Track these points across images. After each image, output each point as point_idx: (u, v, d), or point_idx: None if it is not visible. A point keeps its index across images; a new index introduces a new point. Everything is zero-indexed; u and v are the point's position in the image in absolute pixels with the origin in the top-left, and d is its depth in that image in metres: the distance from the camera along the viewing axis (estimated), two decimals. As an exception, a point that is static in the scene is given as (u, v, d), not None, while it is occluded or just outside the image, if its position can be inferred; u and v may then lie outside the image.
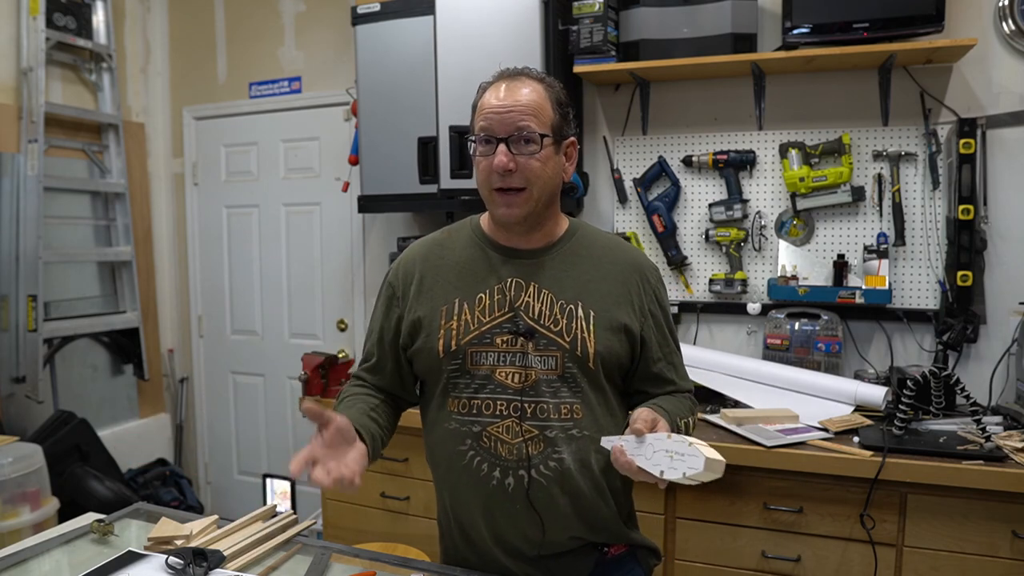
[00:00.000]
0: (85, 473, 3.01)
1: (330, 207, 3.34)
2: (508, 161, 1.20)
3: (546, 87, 1.26)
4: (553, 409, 1.25)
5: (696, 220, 2.62)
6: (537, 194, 1.24)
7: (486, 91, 1.26)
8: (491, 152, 1.22)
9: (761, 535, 1.97)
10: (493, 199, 1.25)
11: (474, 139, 1.25)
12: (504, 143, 1.20)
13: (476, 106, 1.27)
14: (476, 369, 1.26)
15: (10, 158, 2.97)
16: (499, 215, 1.26)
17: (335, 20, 3.19)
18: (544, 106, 1.23)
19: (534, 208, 1.25)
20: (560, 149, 1.27)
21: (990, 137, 2.25)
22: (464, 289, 1.30)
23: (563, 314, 1.26)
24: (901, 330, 2.40)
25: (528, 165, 1.21)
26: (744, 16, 2.36)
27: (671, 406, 1.28)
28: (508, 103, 1.21)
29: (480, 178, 1.26)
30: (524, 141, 1.21)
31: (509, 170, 1.20)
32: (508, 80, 1.25)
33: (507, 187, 1.22)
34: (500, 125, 1.21)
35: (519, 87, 1.23)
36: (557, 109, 1.25)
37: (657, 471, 1.06)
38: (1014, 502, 1.74)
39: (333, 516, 2.58)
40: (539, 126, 1.21)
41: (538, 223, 1.30)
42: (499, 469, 1.25)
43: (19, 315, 2.98)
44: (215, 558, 1.24)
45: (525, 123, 1.20)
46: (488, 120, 1.22)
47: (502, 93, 1.23)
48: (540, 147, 1.22)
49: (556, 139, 1.25)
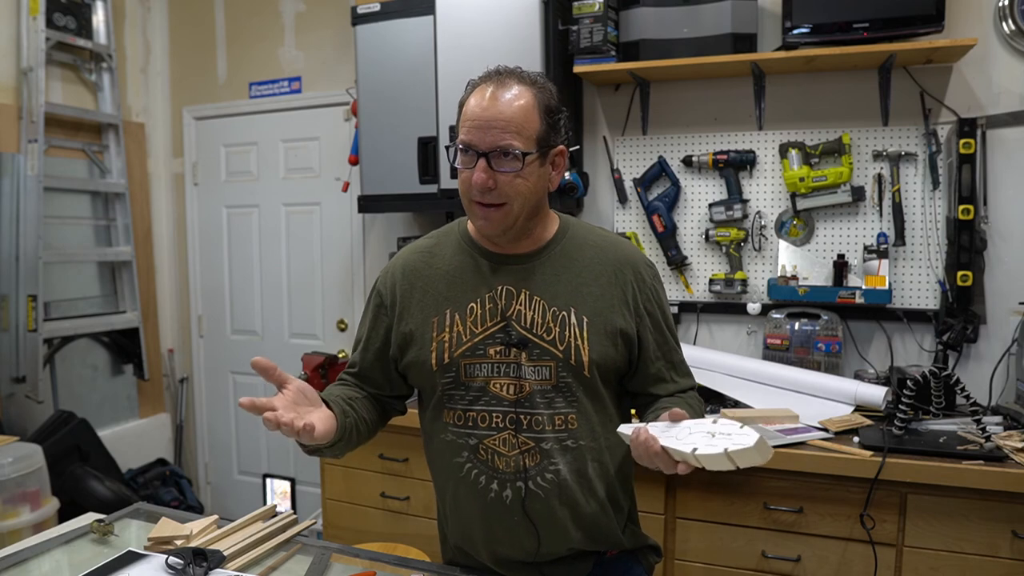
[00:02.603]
0: (85, 473, 3.01)
1: (330, 207, 3.34)
2: (487, 179, 1.16)
3: (536, 91, 1.20)
4: (547, 420, 1.23)
5: (696, 220, 2.62)
6: (518, 209, 1.20)
7: (472, 92, 1.21)
8: (471, 164, 1.17)
9: (761, 535, 1.96)
10: (473, 210, 1.22)
11: (454, 146, 1.21)
12: (484, 158, 1.16)
13: (462, 105, 1.23)
14: (471, 381, 1.25)
15: (10, 158, 2.97)
16: (478, 227, 1.24)
17: (335, 20, 3.19)
18: (530, 117, 1.17)
19: (514, 222, 1.21)
20: (547, 159, 1.22)
21: (990, 137, 2.25)
22: (454, 299, 1.27)
23: (555, 322, 1.23)
24: (901, 330, 2.40)
25: (508, 182, 1.17)
26: (744, 16, 2.36)
27: (689, 411, 1.25)
28: (491, 115, 1.15)
29: (461, 188, 1.22)
30: (504, 155, 1.16)
31: (488, 188, 1.17)
32: (496, 84, 1.19)
33: (486, 203, 1.19)
34: (481, 140, 1.16)
35: (506, 94, 1.17)
36: (545, 118, 1.19)
37: (689, 448, 1.02)
38: (1014, 502, 1.74)
39: (333, 516, 2.58)
40: (523, 143, 1.16)
41: (524, 231, 1.26)
42: (496, 481, 1.24)
43: (19, 315, 2.98)
44: (215, 558, 1.24)
45: (507, 141, 1.15)
46: (469, 133, 1.17)
47: (486, 101, 1.17)
48: (522, 165, 1.17)
49: (541, 152, 1.20)
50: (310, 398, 1.17)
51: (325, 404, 1.21)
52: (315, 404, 1.17)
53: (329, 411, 1.19)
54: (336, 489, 2.56)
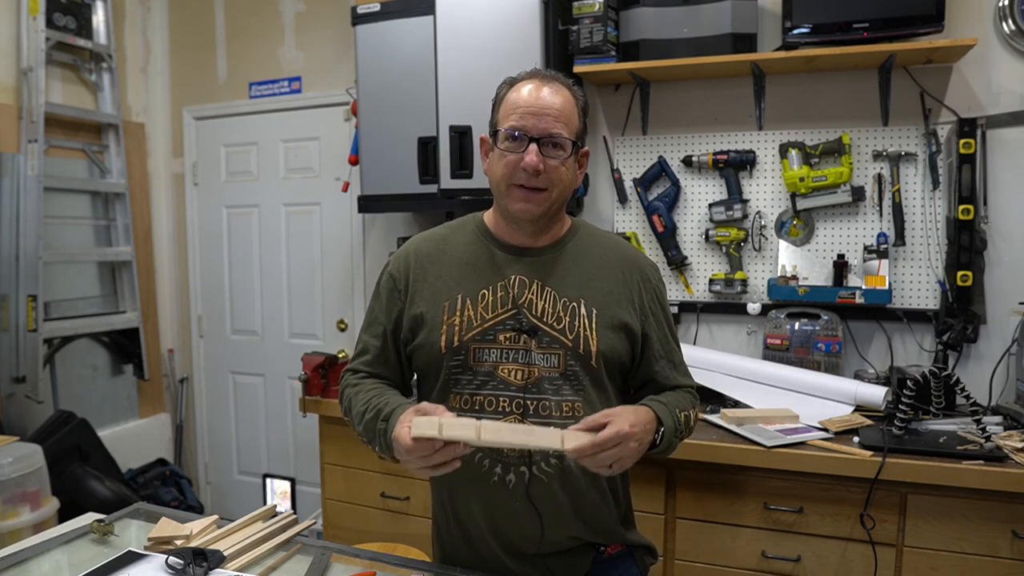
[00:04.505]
0: (85, 473, 3.01)
1: (330, 207, 3.34)
2: (539, 162, 1.22)
3: (574, 96, 1.29)
4: (555, 407, 1.25)
5: (696, 220, 2.62)
6: (556, 197, 1.27)
7: (514, 87, 1.27)
8: (519, 149, 1.23)
9: (761, 535, 1.96)
10: (511, 193, 1.26)
11: (500, 131, 1.25)
12: (536, 142, 1.22)
13: (501, 99, 1.29)
14: (479, 366, 1.27)
15: (10, 158, 2.97)
16: (515, 210, 1.26)
17: (335, 20, 3.19)
18: (573, 114, 1.27)
19: (549, 209, 1.27)
20: (577, 156, 1.30)
21: (990, 137, 2.25)
22: (466, 285, 1.30)
23: (566, 312, 1.27)
24: (901, 330, 2.40)
25: (555, 169, 1.24)
26: (744, 16, 2.36)
27: (670, 398, 1.31)
28: (543, 105, 1.23)
29: (501, 171, 1.25)
30: (554, 145, 1.23)
31: (538, 171, 1.22)
32: (541, 80, 1.27)
33: (531, 186, 1.24)
34: (534, 126, 1.22)
35: (552, 91, 1.25)
36: (581, 118, 1.29)
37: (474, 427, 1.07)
38: (1014, 502, 1.74)
39: (333, 516, 2.58)
40: (568, 134, 1.24)
41: (547, 224, 1.32)
42: (500, 465, 1.25)
43: (19, 315, 2.98)
44: (215, 558, 1.24)
45: (558, 129, 1.23)
46: (522, 118, 1.23)
47: (537, 92, 1.24)
48: (568, 154, 1.25)
49: (576, 148, 1.28)
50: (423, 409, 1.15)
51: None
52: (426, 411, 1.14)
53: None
54: (336, 489, 2.56)
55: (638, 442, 1.14)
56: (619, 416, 1.12)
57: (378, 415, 1.23)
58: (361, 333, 1.41)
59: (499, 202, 1.31)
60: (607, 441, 1.08)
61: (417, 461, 1.10)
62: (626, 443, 1.11)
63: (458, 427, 1.06)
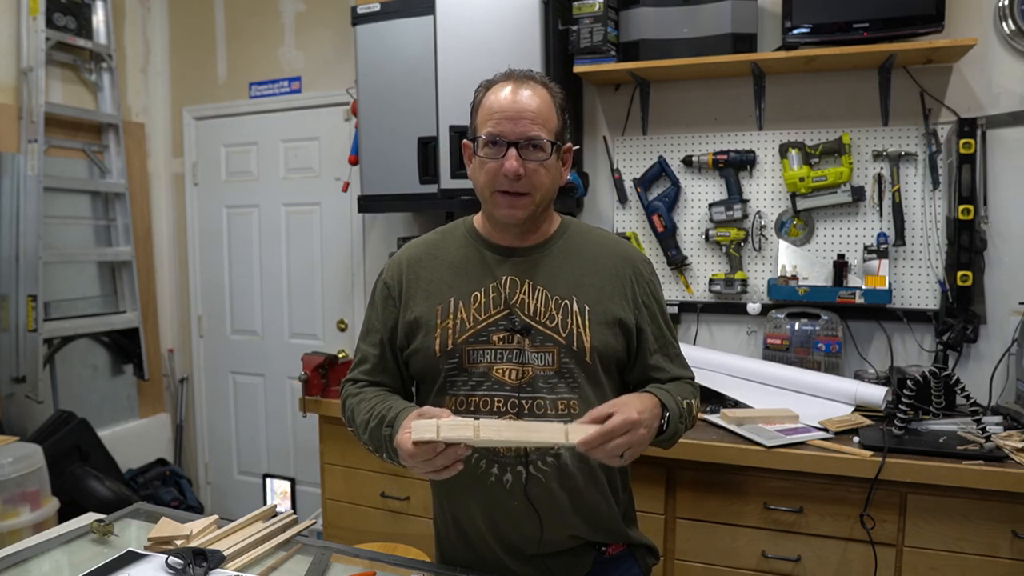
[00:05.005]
0: (85, 473, 3.01)
1: (330, 207, 3.34)
2: (519, 167, 1.21)
3: (551, 93, 1.27)
4: (550, 405, 1.25)
5: (696, 220, 2.62)
6: (539, 199, 1.26)
7: (490, 90, 1.26)
8: (498, 155, 1.22)
9: (761, 535, 1.97)
10: (495, 200, 1.26)
11: (479, 138, 1.25)
12: (515, 147, 1.21)
13: (478, 104, 1.28)
14: (473, 367, 1.27)
15: (10, 158, 2.97)
16: (501, 215, 1.27)
17: (335, 20, 3.19)
18: (551, 113, 1.25)
19: (534, 212, 1.27)
20: (560, 154, 1.29)
21: (990, 137, 2.25)
22: (459, 288, 1.30)
23: (558, 310, 1.27)
24: (901, 330, 2.40)
25: (535, 172, 1.23)
26: (744, 16, 2.36)
27: (671, 386, 1.31)
28: (520, 108, 1.22)
29: (483, 179, 1.26)
30: (533, 147, 1.22)
31: (519, 175, 1.21)
32: (516, 82, 1.26)
33: (514, 191, 1.23)
34: (511, 130, 1.22)
35: (528, 92, 1.24)
36: (560, 116, 1.27)
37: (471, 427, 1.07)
38: (1014, 502, 1.74)
39: (333, 516, 2.58)
40: (547, 134, 1.23)
41: (535, 224, 1.32)
42: (497, 465, 1.25)
43: (19, 315, 2.98)
44: (215, 558, 1.24)
45: (536, 132, 1.22)
46: (499, 123, 1.22)
47: (512, 96, 1.23)
48: (548, 156, 1.24)
49: (557, 146, 1.27)
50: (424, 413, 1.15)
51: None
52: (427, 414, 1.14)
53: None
54: (336, 489, 2.56)
55: (647, 428, 1.13)
56: (625, 404, 1.12)
57: (382, 421, 1.23)
58: (359, 342, 1.42)
59: (485, 207, 1.32)
60: (616, 429, 1.08)
61: (421, 465, 1.10)
62: (636, 430, 1.10)
63: (456, 427, 1.06)
